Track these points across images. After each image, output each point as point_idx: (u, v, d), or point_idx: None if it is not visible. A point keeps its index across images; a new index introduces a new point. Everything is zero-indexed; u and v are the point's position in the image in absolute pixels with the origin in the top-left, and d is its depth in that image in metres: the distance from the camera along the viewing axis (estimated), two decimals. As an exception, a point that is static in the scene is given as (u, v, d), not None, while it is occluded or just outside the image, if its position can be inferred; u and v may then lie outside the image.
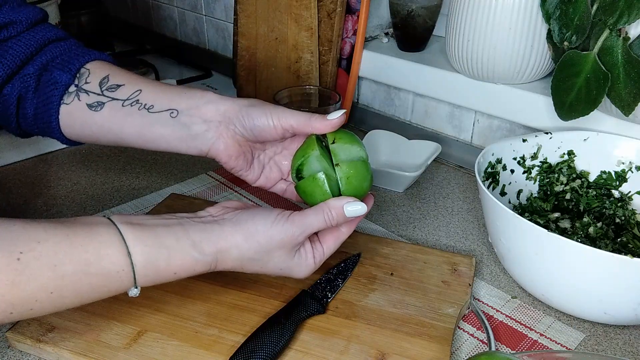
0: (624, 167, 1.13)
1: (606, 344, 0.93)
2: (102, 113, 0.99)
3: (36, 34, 1.03)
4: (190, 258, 0.82)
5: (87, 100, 1.00)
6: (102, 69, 1.03)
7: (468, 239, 1.17)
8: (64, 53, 1.04)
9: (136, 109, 0.98)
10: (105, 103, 0.99)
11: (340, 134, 0.94)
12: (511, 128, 1.37)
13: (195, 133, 0.97)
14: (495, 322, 0.96)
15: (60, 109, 1.01)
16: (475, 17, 1.21)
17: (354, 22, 1.51)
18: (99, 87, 1.00)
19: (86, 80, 1.01)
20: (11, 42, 1.01)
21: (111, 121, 1.00)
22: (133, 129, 0.99)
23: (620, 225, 1.08)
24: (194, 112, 0.97)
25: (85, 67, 1.02)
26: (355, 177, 0.91)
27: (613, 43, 1.03)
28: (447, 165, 1.45)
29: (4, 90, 1.02)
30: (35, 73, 1.01)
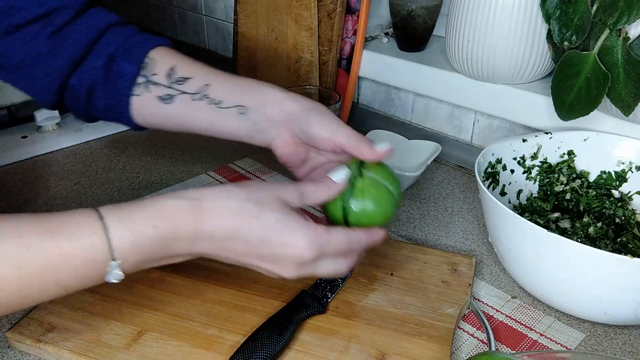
0: (624, 167, 1.13)
1: (606, 344, 0.93)
2: (173, 106, 1.01)
3: (91, 19, 1.02)
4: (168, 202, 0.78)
5: (157, 92, 1.01)
6: (165, 57, 1.03)
7: (468, 239, 1.17)
8: (125, 41, 1.04)
9: (205, 104, 1.00)
10: (175, 96, 1.01)
11: (383, 167, 0.93)
12: (511, 128, 1.37)
13: (260, 128, 0.99)
14: (495, 322, 0.96)
15: (131, 99, 1.02)
16: (475, 17, 1.21)
17: (354, 22, 1.51)
18: (166, 78, 1.01)
19: (153, 71, 1.01)
20: (66, 29, 1.00)
21: (182, 114, 1.02)
22: (203, 123, 1.02)
23: (620, 225, 1.08)
24: (260, 109, 0.99)
25: (148, 57, 1.02)
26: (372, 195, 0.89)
27: (613, 43, 1.03)
28: (447, 165, 1.45)
29: (71, 81, 1.02)
30: (102, 65, 1.01)
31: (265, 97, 0.99)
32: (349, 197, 0.88)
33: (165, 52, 1.04)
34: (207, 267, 1.02)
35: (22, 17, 0.96)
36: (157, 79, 1.01)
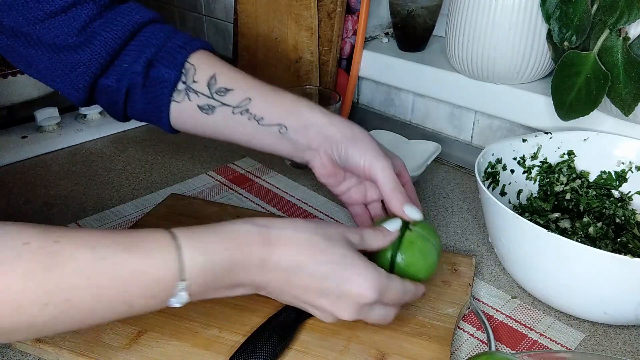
0: (624, 167, 1.13)
1: (606, 344, 0.93)
2: (214, 117, 1.01)
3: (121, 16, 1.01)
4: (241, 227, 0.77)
5: (197, 101, 1.01)
6: (206, 64, 1.02)
7: (468, 239, 1.17)
8: (165, 43, 1.02)
9: (246, 119, 1.00)
10: (216, 107, 1.00)
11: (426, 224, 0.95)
12: (511, 128, 1.37)
13: (299, 148, 1.01)
14: (495, 322, 0.96)
15: (171, 106, 1.02)
16: (475, 17, 1.21)
17: (354, 22, 1.51)
18: (207, 88, 1.00)
19: (194, 79, 1.01)
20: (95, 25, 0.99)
21: (223, 126, 1.02)
22: (243, 137, 1.02)
23: (620, 225, 1.07)
24: (301, 131, 0.99)
25: (189, 62, 1.01)
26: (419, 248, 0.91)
27: (613, 43, 1.03)
28: (447, 165, 1.45)
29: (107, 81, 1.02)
30: (141, 70, 1.00)
31: (306, 120, 1.00)
32: (397, 249, 0.90)
33: (206, 58, 1.03)
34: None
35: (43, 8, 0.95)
36: (198, 87, 1.01)
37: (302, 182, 1.35)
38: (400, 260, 0.89)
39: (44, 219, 1.21)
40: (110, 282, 0.68)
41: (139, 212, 1.23)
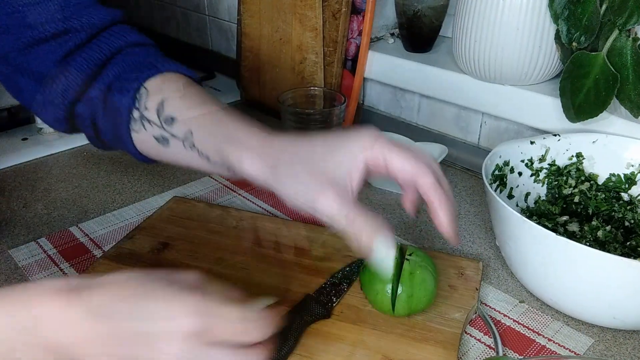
0: (633, 170, 1.12)
1: (615, 349, 0.92)
2: (170, 149, 0.95)
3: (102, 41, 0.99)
4: None
5: (152, 132, 0.95)
6: (159, 87, 0.96)
7: (475, 243, 1.16)
8: (127, 69, 0.98)
9: (196, 154, 0.93)
10: (169, 140, 0.94)
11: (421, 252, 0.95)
12: (519, 130, 1.36)
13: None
14: (502, 326, 0.95)
15: (132, 135, 0.97)
16: (482, 17, 1.20)
17: (359, 23, 1.51)
18: (157, 116, 0.94)
19: (145, 106, 0.95)
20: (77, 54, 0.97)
21: (180, 159, 0.96)
22: (202, 168, 0.95)
23: (630, 228, 1.07)
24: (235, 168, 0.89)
25: (144, 87, 0.95)
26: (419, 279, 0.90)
27: (622, 44, 1.02)
28: (453, 167, 1.44)
29: (77, 109, 0.98)
30: (100, 96, 0.96)
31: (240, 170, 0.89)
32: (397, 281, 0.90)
33: (162, 82, 0.97)
34: (210, 271, 1.02)
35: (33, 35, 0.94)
36: (149, 115, 0.94)
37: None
38: (401, 292, 0.89)
39: (45, 223, 1.20)
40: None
41: (141, 215, 1.23)
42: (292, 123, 1.35)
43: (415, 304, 0.90)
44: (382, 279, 0.90)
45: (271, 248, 1.08)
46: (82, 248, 1.12)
